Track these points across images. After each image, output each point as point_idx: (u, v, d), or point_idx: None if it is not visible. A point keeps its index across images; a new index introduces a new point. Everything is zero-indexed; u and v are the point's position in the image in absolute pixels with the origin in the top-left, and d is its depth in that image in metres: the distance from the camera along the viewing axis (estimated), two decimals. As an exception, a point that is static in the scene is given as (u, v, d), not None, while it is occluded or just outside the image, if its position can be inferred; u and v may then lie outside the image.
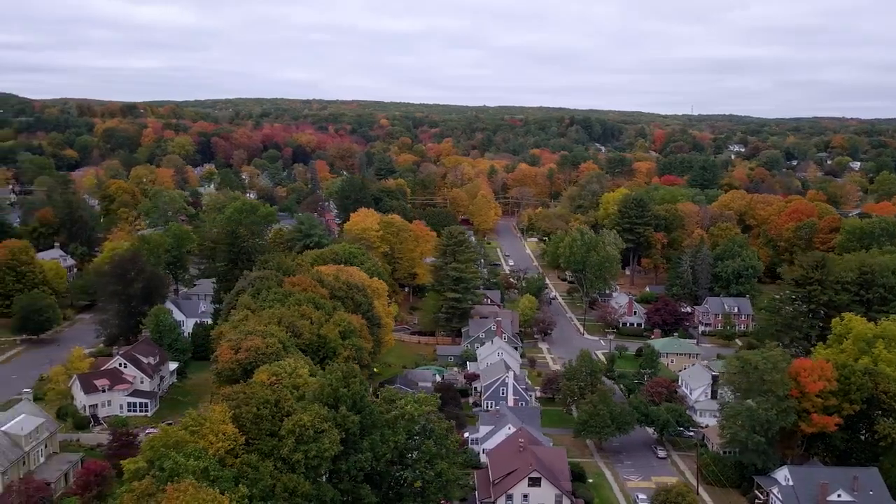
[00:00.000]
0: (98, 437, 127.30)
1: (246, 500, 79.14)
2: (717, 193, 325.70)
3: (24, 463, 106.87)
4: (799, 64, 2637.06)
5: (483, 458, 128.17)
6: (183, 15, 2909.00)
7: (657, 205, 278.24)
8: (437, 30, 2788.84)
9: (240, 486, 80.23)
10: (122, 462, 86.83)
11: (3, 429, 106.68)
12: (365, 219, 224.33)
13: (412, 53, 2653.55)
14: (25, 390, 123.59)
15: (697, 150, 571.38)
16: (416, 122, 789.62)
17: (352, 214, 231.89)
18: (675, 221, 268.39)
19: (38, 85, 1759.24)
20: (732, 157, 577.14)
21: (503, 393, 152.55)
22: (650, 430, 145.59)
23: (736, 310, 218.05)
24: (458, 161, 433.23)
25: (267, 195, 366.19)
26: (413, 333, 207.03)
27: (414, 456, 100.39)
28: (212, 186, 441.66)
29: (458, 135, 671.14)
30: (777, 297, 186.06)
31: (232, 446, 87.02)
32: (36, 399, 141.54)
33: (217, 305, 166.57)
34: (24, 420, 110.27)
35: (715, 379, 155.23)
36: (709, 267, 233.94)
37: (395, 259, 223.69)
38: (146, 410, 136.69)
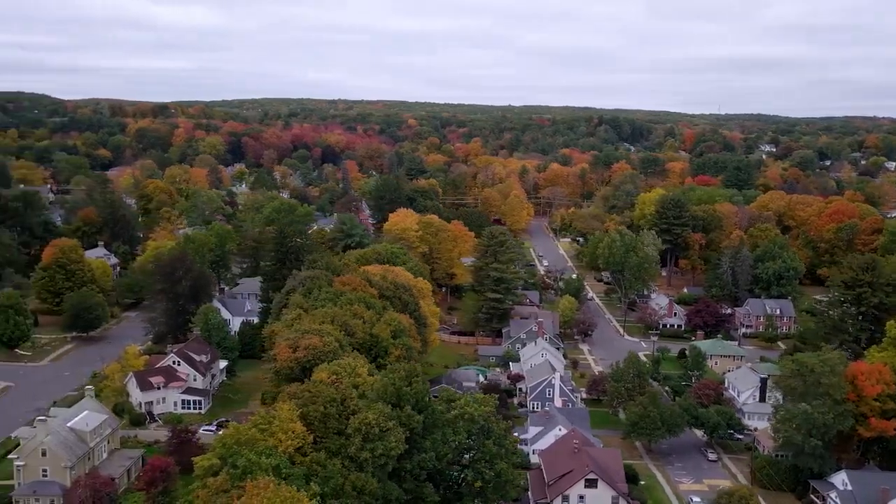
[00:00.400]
0: (155, 433, 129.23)
1: (318, 498, 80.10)
2: (755, 194, 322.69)
3: (88, 458, 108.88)
4: (827, 62, 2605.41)
5: (534, 459, 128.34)
6: (209, 16, 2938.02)
7: (694, 205, 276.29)
8: (461, 30, 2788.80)
9: (312, 484, 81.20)
10: (193, 459, 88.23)
11: (68, 425, 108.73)
12: (404, 219, 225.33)
13: (436, 53, 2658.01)
14: (88, 387, 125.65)
15: (728, 149, 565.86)
16: (443, 122, 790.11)
17: (390, 215, 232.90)
18: (713, 222, 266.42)
19: (69, 85, 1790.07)
20: (763, 157, 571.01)
21: (549, 394, 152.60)
22: (699, 432, 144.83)
23: (778, 312, 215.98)
24: (488, 161, 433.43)
25: (300, 195, 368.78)
26: (452, 333, 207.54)
27: (474, 456, 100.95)
28: (243, 186, 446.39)
29: (487, 135, 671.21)
30: (824, 299, 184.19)
31: (301, 444, 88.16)
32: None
33: (265, 304, 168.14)
34: (88, 416, 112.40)
35: (763, 381, 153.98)
36: (749, 268, 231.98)
37: (433, 259, 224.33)
38: (199, 408, 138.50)
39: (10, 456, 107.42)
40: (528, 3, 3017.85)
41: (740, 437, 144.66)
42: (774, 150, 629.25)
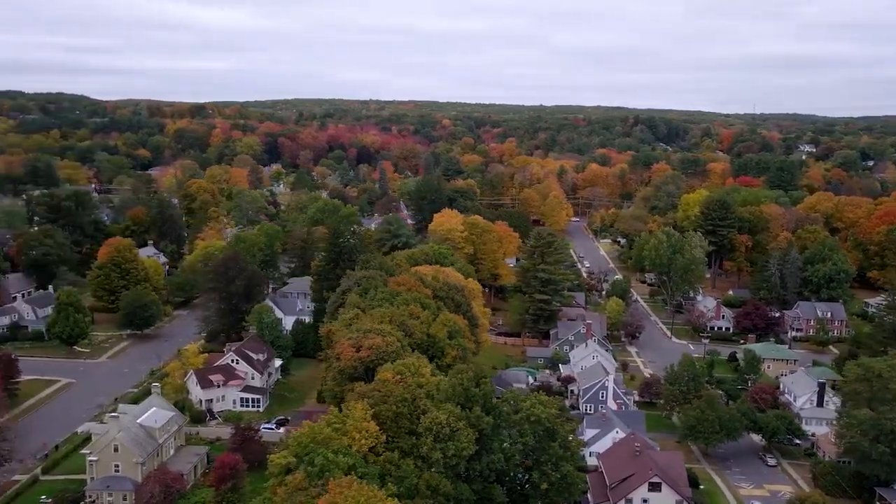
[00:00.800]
0: (215, 430, 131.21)
1: (395, 497, 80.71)
2: (801, 195, 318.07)
3: (157, 455, 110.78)
4: (866, 61, 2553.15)
5: (591, 461, 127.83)
6: (244, 18, 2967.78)
7: (739, 207, 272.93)
8: (493, 30, 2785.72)
9: (388, 484, 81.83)
10: (269, 457, 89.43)
11: (138, 421, 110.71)
12: (449, 219, 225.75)
13: (468, 53, 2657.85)
14: (154, 385, 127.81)
15: (767, 150, 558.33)
16: (477, 122, 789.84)
17: (435, 215, 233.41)
18: (760, 224, 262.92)
19: (106, 86, 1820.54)
20: (804, 157, 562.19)
21: (602, 396, 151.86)
22: (755, 437, 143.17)
23: (829, 315, 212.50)
24: (526, 161, 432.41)
25: (339, 195, 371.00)
26: (499, 334, 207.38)
27: (540, 458, 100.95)
28: (281, 186, 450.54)
29: (521, 135, 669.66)
30: (877, 302, 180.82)
31: (374, 444, 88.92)
32: (150, 393, 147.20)
33: (318, 304, 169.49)
34: (156, 413, 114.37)
35: (821, 386, 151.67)
36: (798, 271, 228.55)
37: (477, 260, 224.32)
38: (258, 406, 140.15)
39: (82, 451, 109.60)
40: (561, 2, 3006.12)
41: (798, 442, 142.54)
42: (814, 150, 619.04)
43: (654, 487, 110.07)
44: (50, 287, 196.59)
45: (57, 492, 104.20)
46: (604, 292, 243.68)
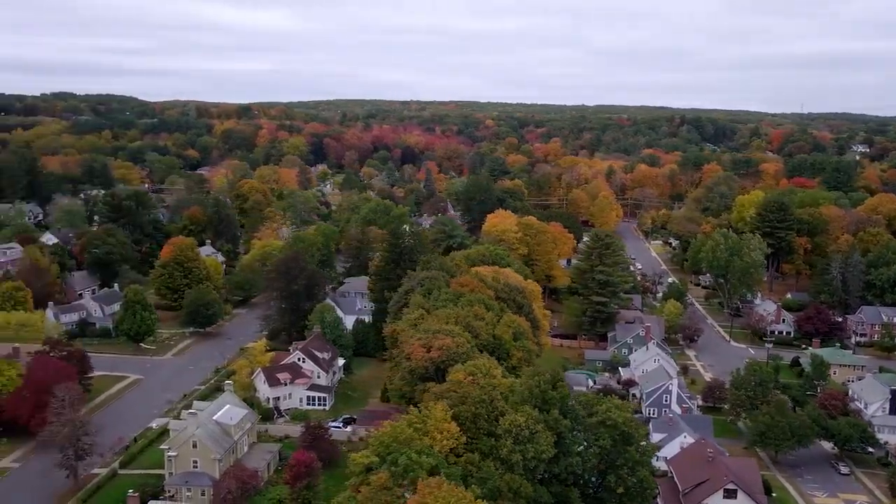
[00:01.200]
0: (283, 428, 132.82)
1: (479, 499, 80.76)
2: (861, 197, 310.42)
3: (232, 452, 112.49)
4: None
5: (658, 466, 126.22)
6: (277, 19, 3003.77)
7: (797, 208, 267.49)
8: (534, 30, 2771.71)
9: (472, 486, 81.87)
10: (351, 455, 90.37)
11: (214, 418, 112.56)
12: (503, 220, 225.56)
13: (507, 53, 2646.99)
14: (227, 382, 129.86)
15: (818, 150, 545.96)
16: (520, 122, 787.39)
17: (488, 216, 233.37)
18: (819, 226, 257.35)
19: (148, 87, 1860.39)
20: (857, 157, 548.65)
21: (666, 400, 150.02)
22: (826, 444, 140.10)
23: (895, 320, 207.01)
24: (573, 161, 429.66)
25: (388, 196, 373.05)
26: (554, 336, 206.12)
27: (616, 461, 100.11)
28: (328, 186, 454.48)
29: (566, 135, 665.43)
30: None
31: (455, 445, 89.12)
32: (217, 390, 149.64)
33: (379, 304, 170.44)
34: (231, 410, 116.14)
35: (893, 393, 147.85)
36: (861, 274, 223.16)
37: (532, 261, 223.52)
38: (324, 405, 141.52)
39: (161, 447, 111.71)
40: (594, 2, 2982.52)
41: (871, 450, 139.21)
42: (868, 150, 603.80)
43: (730, 494, 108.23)
44: (115, 285, 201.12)
45: (138, 486, 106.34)
46: (659, 294, 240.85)
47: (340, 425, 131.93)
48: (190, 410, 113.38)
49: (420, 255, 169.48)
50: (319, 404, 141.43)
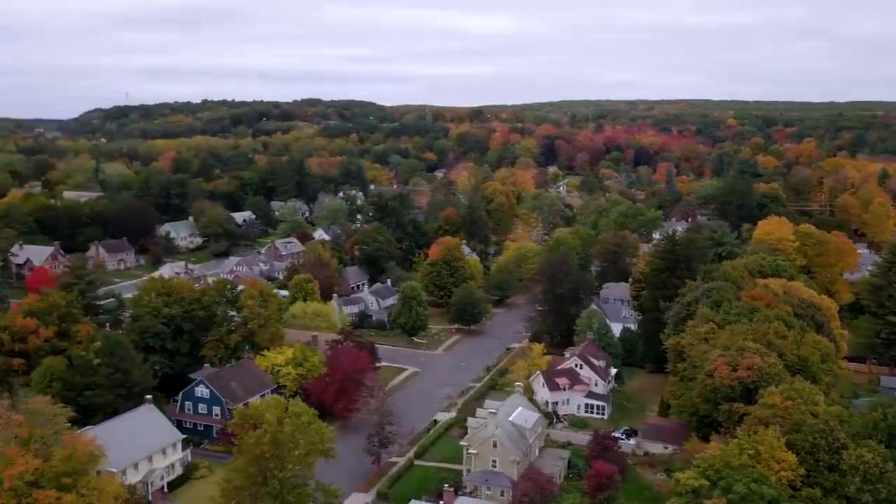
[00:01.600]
0: (564, 434, 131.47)
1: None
2: None
3: (527, 455, 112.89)
4: None
5: None
6: (500, 24, 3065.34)
7: None
8: (767, 22, 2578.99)
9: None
10: (675, 475, 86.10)
11: (510, 419, 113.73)
12: (778, 227, 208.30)
13: (740, 49, 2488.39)
14: (518, 384, 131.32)
15: None
16: (766, 121, 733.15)
17: (761, 223, 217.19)
18: None
19: (379, 93, 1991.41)
20: None
21: None
22: None
23: None
24: (838, 164, 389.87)
25: (629, 199, 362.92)
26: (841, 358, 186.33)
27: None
28: (562, 188, 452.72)
29: (821, 134, 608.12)
30: None
31: (792, 477, 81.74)
32: (491, 388, 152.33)
33: (650, 312, 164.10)
34: (524, 413, 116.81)
35: None
36: None
37: (810, 274, 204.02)
38: (602, 413, 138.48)
39: (461, 443, 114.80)
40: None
41: None
42: None
43: None
44: (388, 281, 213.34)
45: (440, 481, 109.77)
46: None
47: (623, 437, 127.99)
48: (490, 410, 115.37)
49: (698, 264, 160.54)
50: (597, 413, 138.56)
